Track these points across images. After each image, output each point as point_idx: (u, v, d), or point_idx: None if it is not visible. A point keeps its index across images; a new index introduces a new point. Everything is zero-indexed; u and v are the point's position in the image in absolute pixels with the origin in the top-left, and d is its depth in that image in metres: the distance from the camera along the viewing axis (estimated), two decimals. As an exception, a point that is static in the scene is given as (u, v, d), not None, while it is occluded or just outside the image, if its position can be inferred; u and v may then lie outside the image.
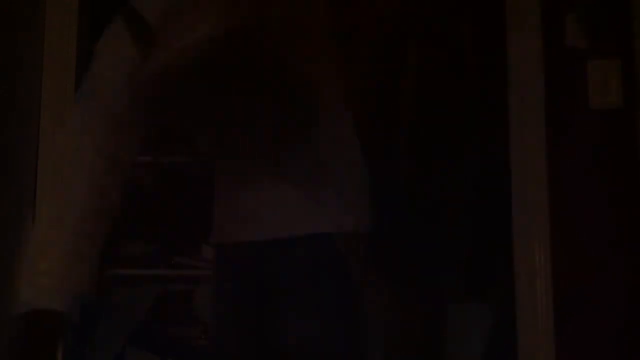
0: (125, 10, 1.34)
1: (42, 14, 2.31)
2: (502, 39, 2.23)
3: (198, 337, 2.70)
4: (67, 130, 1.38)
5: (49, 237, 1.27)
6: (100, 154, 1.30)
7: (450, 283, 2.85)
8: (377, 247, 1.59)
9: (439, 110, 2.49)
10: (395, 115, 2.38)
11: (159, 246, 2.70)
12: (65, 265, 1.25)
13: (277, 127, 1.44)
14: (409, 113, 2.40)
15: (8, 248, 2.22)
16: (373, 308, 1.57)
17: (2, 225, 2.22)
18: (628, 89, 2.12)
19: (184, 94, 1.42)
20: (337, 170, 1.51)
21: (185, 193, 2.77)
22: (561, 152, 2.13)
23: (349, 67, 1.58)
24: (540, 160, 2.13)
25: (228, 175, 1.57)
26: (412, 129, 2.41)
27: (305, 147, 1.46)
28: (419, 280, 2.68)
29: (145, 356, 2.64)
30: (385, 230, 1.61)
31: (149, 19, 1.32)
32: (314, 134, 1.46)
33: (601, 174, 2.12)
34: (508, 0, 2.21)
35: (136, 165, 2.71)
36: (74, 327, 1.28)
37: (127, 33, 1.31)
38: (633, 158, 2.11)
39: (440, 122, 2.54)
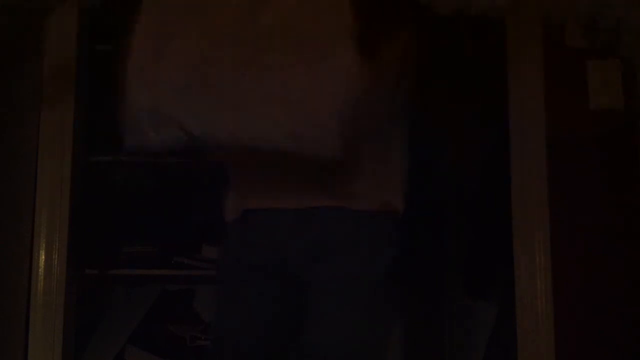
0: None
1: (42, 13, 2.31)
2: (502, 38, 2.23)
3: (198, 337, 2.70)
4: None
5: None
6: None
7: (452, 283, 2.85)
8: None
9: (438, 112, 2.49)
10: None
11: (159, 246, 2.69)
12: None
13: None
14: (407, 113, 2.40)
15: (7, 247, 2.22)
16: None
17: (2, 225, 2.22)
18: (628, 89, 2.12)
19: None
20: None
21: (185, 193, 2.76)
22: (561, 152, 2.13)
23: None
24: (541, 160, 2.13)
25: None
26: (410, 128, 2.41)
27: None
28: (421, 280, 2.68)
29: (145, 356, 2.64)
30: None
31: None
32: None
33: (601, 174, 2.12)
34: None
35: (136, 165, 2.72)
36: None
37: None
38: (633, 158, 2.10)
39: (439, 123, 2.54)
